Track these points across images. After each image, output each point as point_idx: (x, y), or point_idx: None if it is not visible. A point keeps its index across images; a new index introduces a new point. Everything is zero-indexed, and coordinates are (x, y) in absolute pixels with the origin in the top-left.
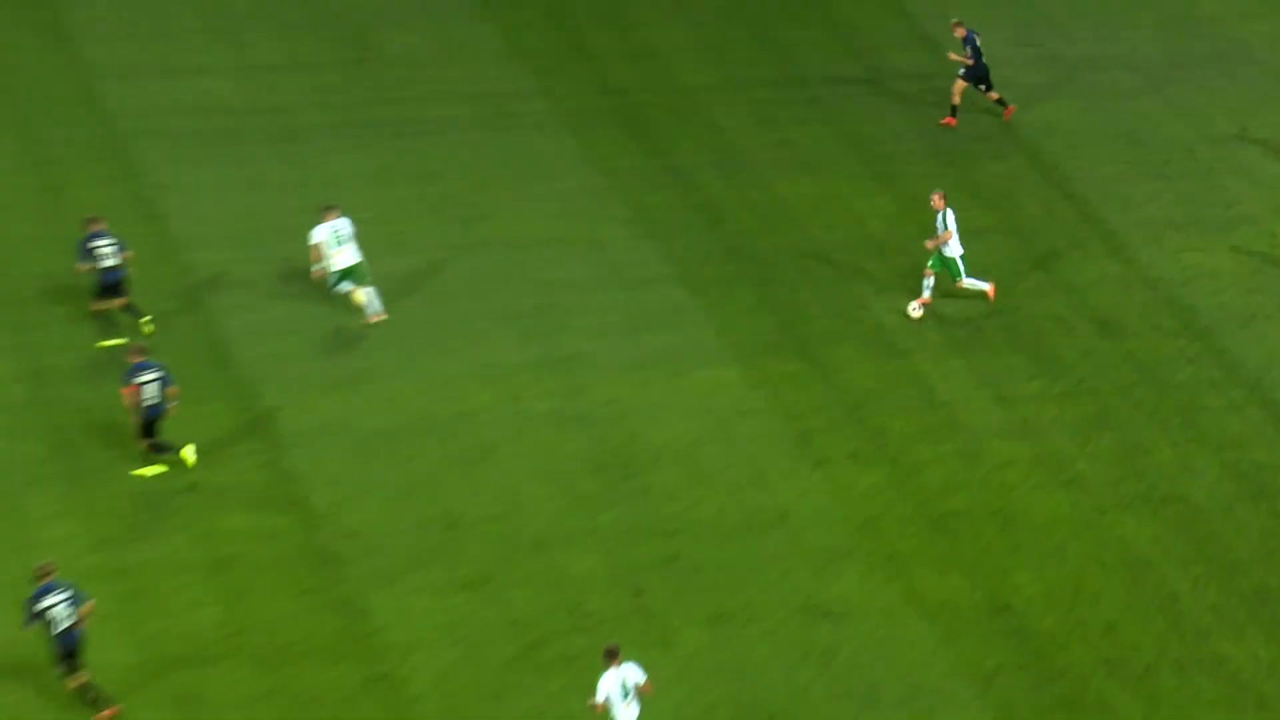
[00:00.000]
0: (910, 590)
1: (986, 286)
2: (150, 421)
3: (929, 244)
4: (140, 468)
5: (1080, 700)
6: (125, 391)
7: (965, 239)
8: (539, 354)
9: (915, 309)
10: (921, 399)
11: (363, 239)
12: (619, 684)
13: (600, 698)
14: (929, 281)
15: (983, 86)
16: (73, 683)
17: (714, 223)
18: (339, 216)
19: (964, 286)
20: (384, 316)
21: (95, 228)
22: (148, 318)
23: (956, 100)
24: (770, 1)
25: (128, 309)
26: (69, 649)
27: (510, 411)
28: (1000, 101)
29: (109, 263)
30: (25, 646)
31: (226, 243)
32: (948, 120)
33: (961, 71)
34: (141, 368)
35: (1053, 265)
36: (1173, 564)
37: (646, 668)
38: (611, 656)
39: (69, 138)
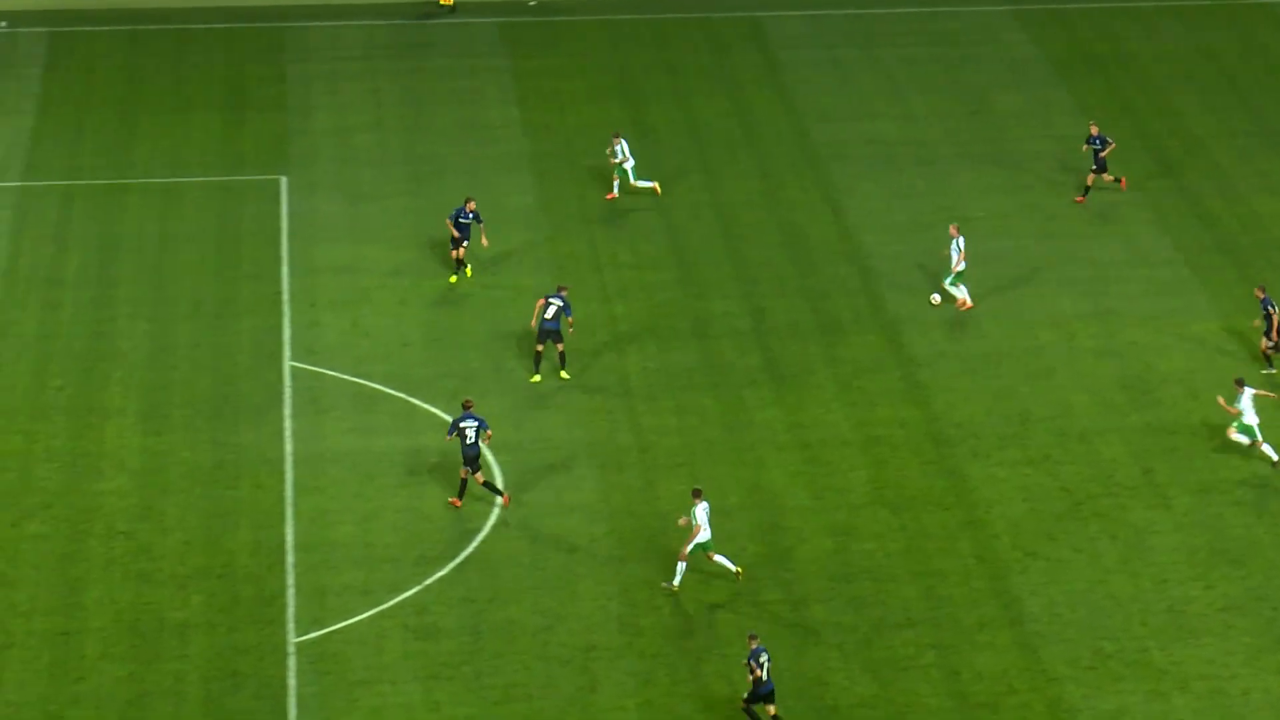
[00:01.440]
0: None
1: (963, 294)
2: (545, 333)
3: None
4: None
5: None
6: (539, 303)
7: None
8: (1086, 308)
9: (935, 298)
10: None
11: (979, 230)
12: (706, 512)
13: (696, 520)
14: (957, 289)
15: (1098, 168)
16: (479, 479)
17: (1209, 224)
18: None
19: (944, 287)
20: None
21: (470, 206)
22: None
23: (1103, 179)
24: (1249, 81)
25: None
26: (472, 456)
27: (1065, 346)
28: (1116, 178)
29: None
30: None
31: (884, 230)
32: (1118, 180)
33: (1095, 164)
34: (554, 296)
35: None
36: None
37: (1149, 523)
38: (697, 494)
39: (787, 158)
